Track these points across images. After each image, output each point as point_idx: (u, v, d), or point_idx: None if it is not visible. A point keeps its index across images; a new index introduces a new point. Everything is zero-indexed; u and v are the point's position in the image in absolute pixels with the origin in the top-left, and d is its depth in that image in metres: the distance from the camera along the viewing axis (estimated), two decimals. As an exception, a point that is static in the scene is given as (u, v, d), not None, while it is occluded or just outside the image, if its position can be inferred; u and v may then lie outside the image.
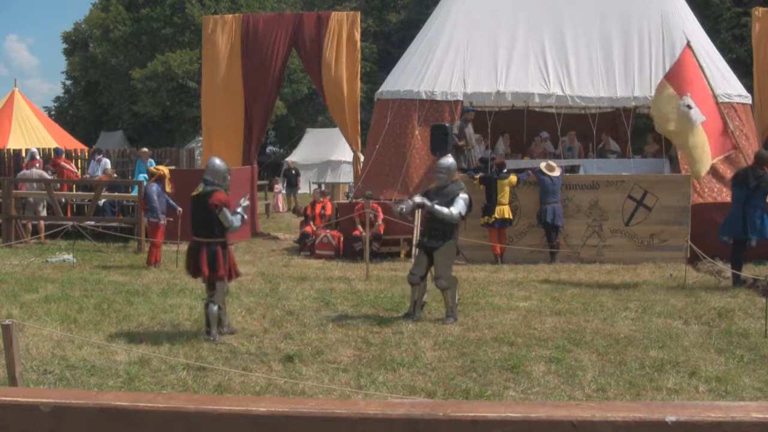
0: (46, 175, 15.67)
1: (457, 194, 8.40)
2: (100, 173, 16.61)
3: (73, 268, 12.00)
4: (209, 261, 7.50)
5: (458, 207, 8.30)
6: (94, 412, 1.59)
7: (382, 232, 13.12)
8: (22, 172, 15.99)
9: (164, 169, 12.54)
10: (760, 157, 10.51)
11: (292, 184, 24.42)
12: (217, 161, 7.80)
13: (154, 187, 11.98)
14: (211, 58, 17.03)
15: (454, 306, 8.44)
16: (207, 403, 1.59)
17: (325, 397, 5.80)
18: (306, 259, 13.29)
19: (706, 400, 5.74)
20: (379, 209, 12.98)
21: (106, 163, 17.11)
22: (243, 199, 7.91)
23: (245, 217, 7.77)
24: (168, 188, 12.20)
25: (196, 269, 7.62)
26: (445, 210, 8.27)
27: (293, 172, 24.77)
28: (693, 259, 11.63)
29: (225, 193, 7.64)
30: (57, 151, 17.82)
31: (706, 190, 13.38)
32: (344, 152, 25.61)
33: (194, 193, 7.74)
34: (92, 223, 14.58)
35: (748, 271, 11.22)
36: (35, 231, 15.30)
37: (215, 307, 7.52)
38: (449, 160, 8.77)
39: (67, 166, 17.34)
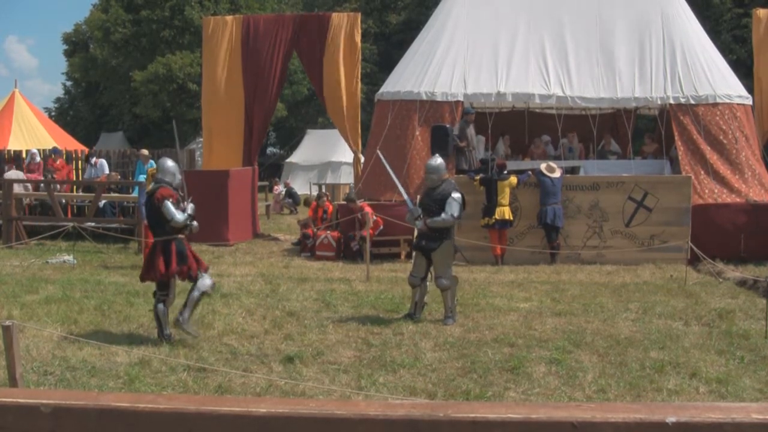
0: (21, 175, 15.71)
1: (450, 194, 8.36)
2: (97, 176, 16.58)
3: (74, 269, 12.01)
4: (165, 259, 7.44)
5: (451, 209, 8.30)
6: (95, 413, 1.59)
7: (374, 234, 12.81)
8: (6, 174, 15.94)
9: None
10: None
11: (297, 201, 24.88)
12: (168, 161, 7.84)
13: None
14: (212, 59, 17.00)
15: (453, 306, 8.44)
16: (207, 404, 1.59)
17: (325, 398, 5.79)
18: (306, 260, 13.30)
19: (706, 401, 5.74)
20: (370, 210, 12.76)
21: (103, 164, 17.04)
22: (188, 202, 7.77)
23: (192, 216, 7.65)
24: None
25: (150, 270, 7.52)
26: (438, 219, 8.30)
27: (292, 192, 25.33)
28: (693, 260, 11.64)
29: (173, 189, 7.62)
30: (55, 151, 17.73)
31: (707, 191, 13.37)
32: (344, 153, 25.60)
33: (147, 192, 7.84)
34: (92, 224, 14.58)
35: (749, 272, 11.23)
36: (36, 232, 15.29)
37: (160, 305, 7.49)
38: (438, 160, 8.71)
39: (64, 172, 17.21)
